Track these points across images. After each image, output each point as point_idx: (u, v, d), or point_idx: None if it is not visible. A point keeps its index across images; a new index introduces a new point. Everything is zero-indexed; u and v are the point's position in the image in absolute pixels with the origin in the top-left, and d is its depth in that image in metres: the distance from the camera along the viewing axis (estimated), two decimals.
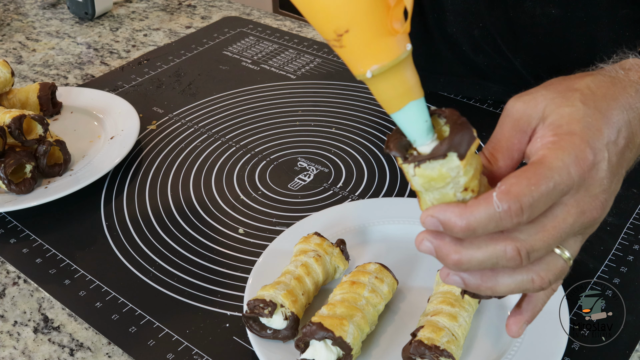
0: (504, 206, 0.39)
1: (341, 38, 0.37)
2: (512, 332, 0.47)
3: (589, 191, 0.42)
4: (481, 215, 0.39)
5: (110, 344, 0.63)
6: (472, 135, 0.39)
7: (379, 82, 0.38)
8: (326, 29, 0.37)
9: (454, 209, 0.40)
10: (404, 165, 0.41)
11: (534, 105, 0.45)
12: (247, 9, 1.28)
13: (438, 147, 0.39)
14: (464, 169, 0.39)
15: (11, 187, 0.78)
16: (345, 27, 0.36)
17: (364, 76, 0.38)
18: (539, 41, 0.82)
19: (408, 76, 0.39)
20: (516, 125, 0.45)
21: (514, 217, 0.40)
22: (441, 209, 0.40)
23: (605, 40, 0.76)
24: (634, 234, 0.71)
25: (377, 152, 0.87)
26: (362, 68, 0.38)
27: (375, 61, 0.37)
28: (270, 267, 0.66)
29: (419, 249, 0.43)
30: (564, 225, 0.42)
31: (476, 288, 0.44)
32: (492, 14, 0.82)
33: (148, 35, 1.21)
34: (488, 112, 0.93)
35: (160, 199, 0.81)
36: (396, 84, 0.38)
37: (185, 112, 0.97)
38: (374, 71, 0.38)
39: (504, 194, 0.39)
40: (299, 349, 0.57)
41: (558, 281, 0.45)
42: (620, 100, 0.45)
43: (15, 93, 0.93)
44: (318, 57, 1.09)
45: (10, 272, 0.72)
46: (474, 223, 0.40)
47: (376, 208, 0.73)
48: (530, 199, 0.39)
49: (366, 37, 0.37)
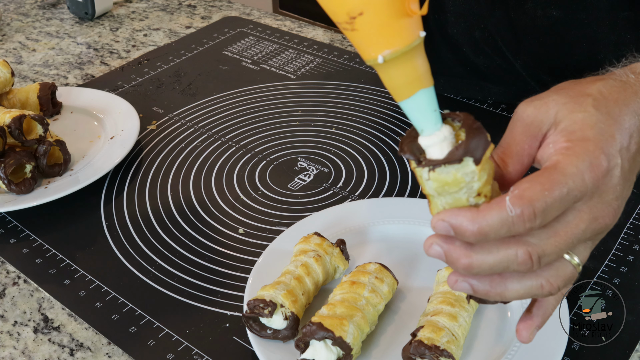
0: (517, 210, 0.39)
1: (354, 21, 0.36)
2: (523, 338, 0.47)
3: (602, 198, 0.42)
4: (494, 219, 0.39)
5: (110, 344, 0.63)
6: (487, 140, 0.39)
7: (390, 68, 0.37)
8: (339, 11, 0.36)
9: (465, 213, 0.40)
10: (417, 169, 0.40)
11: (545, 111, 0.44)
12: (247, 9, 1.28)
13: (453, 151, 0.39)
14: (479, 174, 0.39)
15: (11, 187, 0.78)
16: (360, 9, 0.35)
17: (375, 61, 0.37)
18: (539, 43, 0.82)
19: (419, 63, 0.38)
20: (527, 130, 0.44)
21: (527, 222, 0.39)
22: (453, 213, 0.40)
23: (606, 42, 0.76)
24: (634, 234, 0.71)
25: (377, 152, 0.87)
26: (373, 53, 0.37)
27: (387, 46, 0.36)
28: (270, 267, 0.66)
29: (428, 254, 0.42)
30: (576, 231, 0.41)
31: (485, 294, 0.43)
32: (493, 16, 0.82)
33: (148, 35, 1.21)
34: (488, 112, 0.93)
35: (160, 199, 0.81)
36: (407, 71, 0.38)
37: (185, 112, 0.97)
38: (386, 56, 0.37)
39: (517, 199, 0.39)
40: (299, 349, 0.57)
41: (567, 286, 0.45)
42: (631, 106, 0.45)
43: (15, 93, 0.93)
44: (318, 57, 1.09)
45: (10, 272, 0.72)
46: (486, 227, 0.39)
47: (376, 208, 0.73)
48: (543, 204, 0.39)
49: (380, 21, 0.36)
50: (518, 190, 0.39)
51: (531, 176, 0.40)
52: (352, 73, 1.04)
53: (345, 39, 1.15)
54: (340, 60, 1.08)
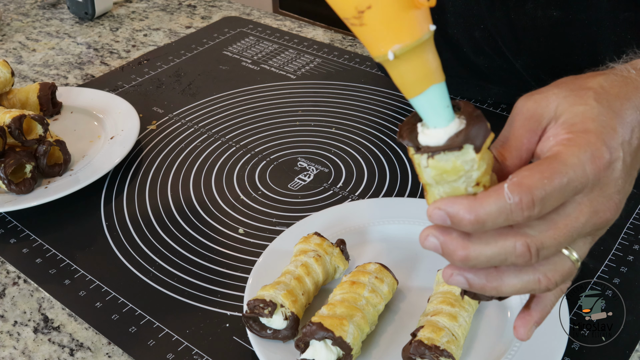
0: (515, 198, 0.38)
1: (362, 15, 0.35)
2: (520, 334, 0.46)
3: (604, 191, 0.42)
4: (491, 207, 0.38)
5: (110, 344, 0.63)
6: (488, 128, 0.38)
7: (401, 63, 0.36)
8: (346, 6, 0.35)
9: (462, 200, 0.39)
10: (415, 156, 0.39)
11: (545, 105, 0.44)
12: (247, 9, 1.28)
13: (454, 138, 0.38)
14: (479, 162, 0.38)
15: (11, 187, 0.78)
16: (368, 2, 0.34)
17: (385, 57, 0.36)
18: (540, 43, 0.81)
19: (430, 58, 0.37)
20: (526, 124, 0.44)
21: (525, 210, 0.38)
22: (449, 202, 0.39)
23: (607, 43, 0.76)
24: (634, 234, 0.71)
25: (377, 152, 0.87)
26: (383, 48, 0.36)
27: (397, 40, 0.35)
28: (270, 267, 0.66)
29: (423, 246, 0.41)
30: (576, 224, 0.41)
31: (481, 288, 0.42)
32: (493, 16, 0.82)
33: (148, 35, 1.21)
34: (488, 112, 0.93)
35: (160, 199, 0.81)
36: (418, 66, 0.37)
37: (185, 112, 0.97)
38: (396, 51, 0.36)
39: (515, 186, 0.38)
40: (299, 349, 0.57)
41: (566, 282, 0.44)
42: (633, 100, 0.45)
43: (15, 93, 0.93)
44: (318, 57, 1.09)
45: (10, 272, 0.72)
46: (484, 215, 0.38)
47: (376, 208, 0.73)
48: (542, 192, 0.38)
49: (389, 14, 0.35)
50: (517, 178, 0.39)
51: (531, 165, 0.40)
52: (352, 73, 1.04)
53: (345, 39, 1.15)
54: (340, 60, 1.08)
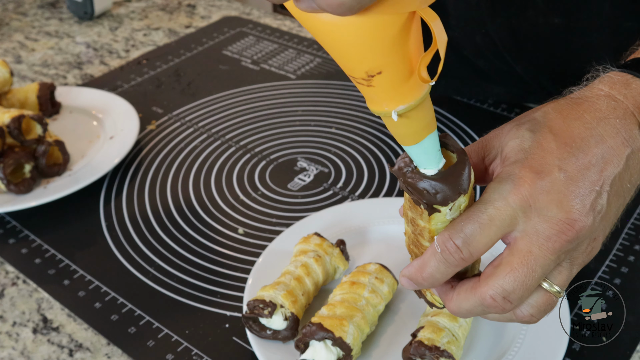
0: (441, 247, 0.42)
1: (372, 79, 0.35)
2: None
3: (543, 214, 0.40)
4: (432, 262, 0.42)
5: (109, 345, 0.63)
6: (470, 165, 0.41)
7: (401, 120, 0.38)
8: (357, 69, 0.35)
9: (414, 264, 0.44)
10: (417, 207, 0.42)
11: (498, 138, 0.45)
12: (247, 9, 1.28)
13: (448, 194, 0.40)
14: (465, 197, 0.41)
15: (10, 187, 0.78)
16: (380, 68, 0.35)
17: (386, 113, 0.37)
18: (540, 49, 0.81)
19: (427, 111, 0.38)
20: (478, 150, 0.45)
21: (454, 254, 0.41)
22: (406, 269, 0.44)
23: (608, 50, 0.76)
24: (634, 234, 0.71)
25: (377, 152, 0.87)
26: (387, 107, 0.37)
27: (401, 102, 0.37)
28: (270, 268, 0.65)
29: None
30: (531, 258, 0.40)
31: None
32: (495, 22, 0.81)
33: (147, 34, 1.21)
34: (488, 112, 0.93)
35: (159, 199, 0.81)
36: (417, 120, 0.38)
37: (185, 112, 0.97)
38: (400, 111, 0.37)
39: (440, 236, 0.42)
40: (298, 350, 0.57)
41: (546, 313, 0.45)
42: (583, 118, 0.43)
43: (14, 93, 0.93)
44: (318, 57, 1.09)
45: (10, 272, 0.72)
46: (430, 269, 0.43)
47: (376, 208, 0.73)
48: (461, 235, 0.41)
49: (398, 79, 0.36)
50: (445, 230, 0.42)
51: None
52: None
53: None
54: None
